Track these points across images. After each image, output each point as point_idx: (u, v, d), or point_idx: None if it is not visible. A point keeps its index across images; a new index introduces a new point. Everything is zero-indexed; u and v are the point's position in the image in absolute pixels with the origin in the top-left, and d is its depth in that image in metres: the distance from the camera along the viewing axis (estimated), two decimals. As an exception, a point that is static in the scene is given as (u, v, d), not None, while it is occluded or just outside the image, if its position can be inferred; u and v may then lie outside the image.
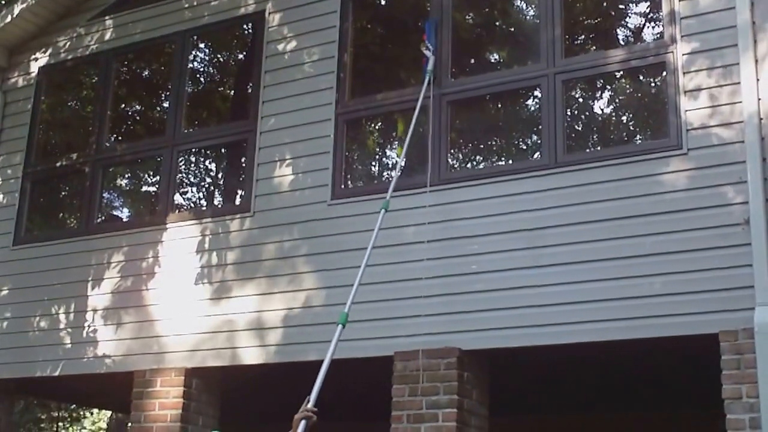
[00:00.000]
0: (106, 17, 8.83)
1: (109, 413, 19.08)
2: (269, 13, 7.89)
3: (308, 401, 4.54)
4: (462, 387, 6.27)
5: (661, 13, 6.44)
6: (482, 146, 8.41)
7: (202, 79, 10.14)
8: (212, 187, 10.75)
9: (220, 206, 9.74)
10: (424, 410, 6.27)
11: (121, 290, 7.85)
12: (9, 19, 9.00)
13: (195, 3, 8.34)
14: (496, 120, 7.97)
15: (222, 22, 8.35)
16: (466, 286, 6.41)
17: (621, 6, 8.01)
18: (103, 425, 22.48)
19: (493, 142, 8.45)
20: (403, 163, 6.82)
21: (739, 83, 5.85)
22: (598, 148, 7.76)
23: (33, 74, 9.13)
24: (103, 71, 8.85)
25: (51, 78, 9.28)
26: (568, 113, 6.99)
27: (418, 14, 7.97)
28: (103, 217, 9.10)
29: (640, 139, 7.46)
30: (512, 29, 8.33)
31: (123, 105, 9.99)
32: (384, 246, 6.66)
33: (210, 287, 7.44)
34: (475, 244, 6.46)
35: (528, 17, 8.05)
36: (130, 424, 7.56)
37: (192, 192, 10.74)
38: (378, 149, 8.94)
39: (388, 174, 9.03)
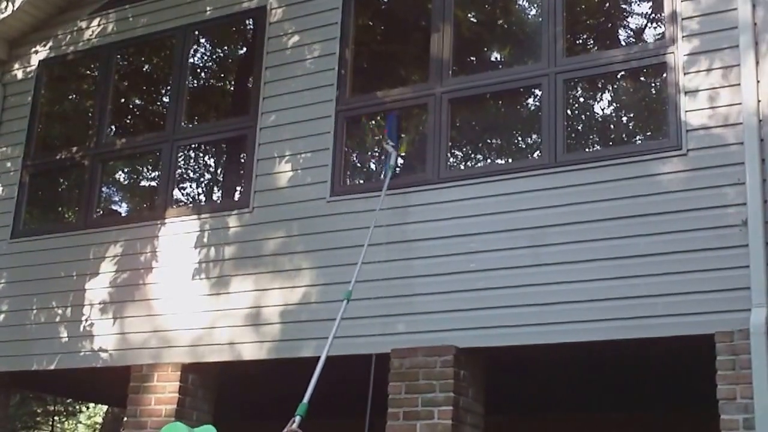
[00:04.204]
0: (108, 11, 8.83)
1: (105, 407, 19.08)
2: (271, 9, 7.89)
3: (293, 422, 4.50)
4: (458, 385, 6.28)
5: (662, 14, 6.44)
6: (482, 145, 8.41)
7: (202, 74, 10.13)
8: (211, 183, 10.73)
9: (219, 202, 9.72)
10: (420, 408, 6.28)
11: (119, 285, 7.85)
12: (10, 11, 8.99)
13: (197, -3, 8.35)
14: (496, 119, 7.96)
15: (223, 17, 8.33)
16: (464, 285, 6.41)
17: (623, 6, 8.01)
18: (99, 419, 22.48)
19: (493, 141, 8.44)
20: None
21: (739, 84, 5.86)
22: (598, 147, 7.76)
23: (33, 67, 9.12)
24: (104, 65, 8.85)
25: (51, 71, 9.28)
26: (569, 113, 6.98)
27: (420, 11, 7.97)
28: (102, 212, 9.09)
29: (640, 139, 7.46)
30: (514, 28, 8.33)
31: (123, 99, 9.98)
32: (382, 243, 6.66)
33: (208, 283, 7.44)
34: (474, 242, 6.46)
35: (530, 16, 8.04)
36: (125, 419, 7.56)
37: (191, 187, 10.72)
38: (377, 147, 8.93)
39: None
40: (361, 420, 6.21)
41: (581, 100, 7.70)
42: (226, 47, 10.20)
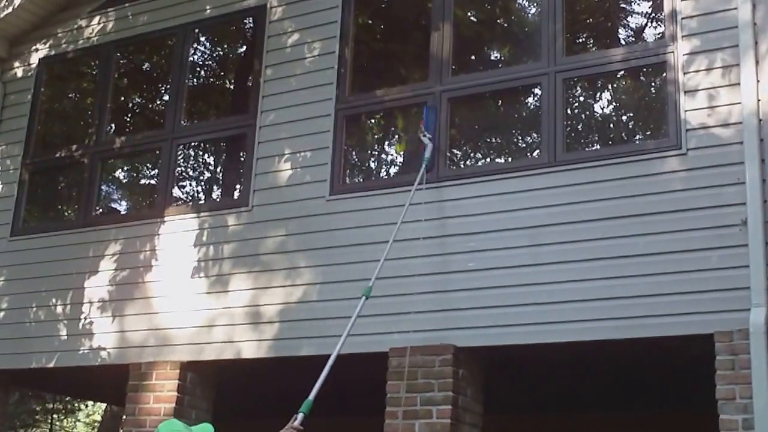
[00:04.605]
0: (108, 9, 8.82)
1: (103, 406, 19.08)
2: (271, 7, 7.88)
3: (295, 419, 4.50)
4: (457, 384, 6.27)
5: (662, 13, 6.43)
6: (482, 144, 8.41)
7: (202, 73, 10.12)
8: (211, 181, 10.73)
9: (218, 200, 9.72)
10: (419, 407, 6.27)
11: (118, 283, 7.84)
12: (10, 9, 8.98)
13: (196, -4, 8.33)
14: (495, 118, 7.96)
15: (223, 16, 8.33)
16: (463, 284, 6.40)
17: (622, 5, 8.01)
18: (98, 417, 22.48)
19: (493, 140, 8.44)
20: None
21: (738, 84, 5.85)
22: (598, 147, 7.76)
23: (33, 65, 9.12)
24: (104, 63, 8.84)
25: (51, 69, 9.27)
26: (568, 112, 6.98)
27: (420, 10, 7.96)
28: (102, 210, 9.09)
29: (639, 138, 7.45)
30: (513, 27, 8.33)
31: (123, 97, 9.98)
32: (381, 242, 6.65)
33: (207, 281, 7.43)
34: (473, 241, 6.46)
35: (529, 15, 8.04)
36: (124, 417, 7.56)
37: (191, 185, 10.72)
38: (377, 145, 8.93)
39: (386, 170, 9.02)
40: (360, 419, 6.20)
41: (581, 99, 7.70)
42: (225, 46, 10.20)
